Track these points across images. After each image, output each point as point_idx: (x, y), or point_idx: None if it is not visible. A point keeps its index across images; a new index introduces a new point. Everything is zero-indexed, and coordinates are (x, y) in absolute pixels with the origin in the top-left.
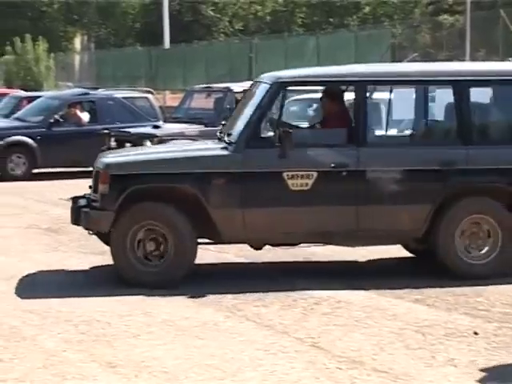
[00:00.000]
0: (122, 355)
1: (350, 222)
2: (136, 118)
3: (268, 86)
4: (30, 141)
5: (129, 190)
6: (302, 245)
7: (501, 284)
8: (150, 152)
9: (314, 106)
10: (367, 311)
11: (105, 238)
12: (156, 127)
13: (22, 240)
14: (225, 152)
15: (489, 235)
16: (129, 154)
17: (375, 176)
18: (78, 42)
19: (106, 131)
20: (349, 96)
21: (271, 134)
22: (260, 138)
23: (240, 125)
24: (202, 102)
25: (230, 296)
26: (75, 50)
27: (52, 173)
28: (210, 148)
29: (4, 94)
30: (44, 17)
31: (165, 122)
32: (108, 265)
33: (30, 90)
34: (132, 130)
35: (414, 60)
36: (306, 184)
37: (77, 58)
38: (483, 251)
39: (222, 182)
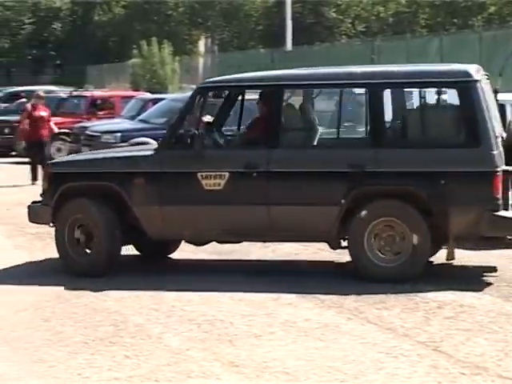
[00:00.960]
0: (244, 355)
1: (261, 222)
2: None
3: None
4: (153, 142)
5: (63, 187)
6: None
7: None
8: (92, 153)
9: None
10: (491, 316)
11: None
12: None
13: None
14: (148, 153)
15: (400, 238)
16: (78, 155)
17: (284, 177)
18: (201, 45)
19: None
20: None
21: (189, 136)
22: (179, 140)
23: None
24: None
25: (351, 298)
26: (199, 53)
27: None
28: (142, 149)
29: (131, 97)
30: (169, 20)
31: None
32: (230, 264)
33: (156, 93)
34: None
35: None
36: (219, 184)
37: (201, 61)
38: (395, 254)
39: (143, 181)
